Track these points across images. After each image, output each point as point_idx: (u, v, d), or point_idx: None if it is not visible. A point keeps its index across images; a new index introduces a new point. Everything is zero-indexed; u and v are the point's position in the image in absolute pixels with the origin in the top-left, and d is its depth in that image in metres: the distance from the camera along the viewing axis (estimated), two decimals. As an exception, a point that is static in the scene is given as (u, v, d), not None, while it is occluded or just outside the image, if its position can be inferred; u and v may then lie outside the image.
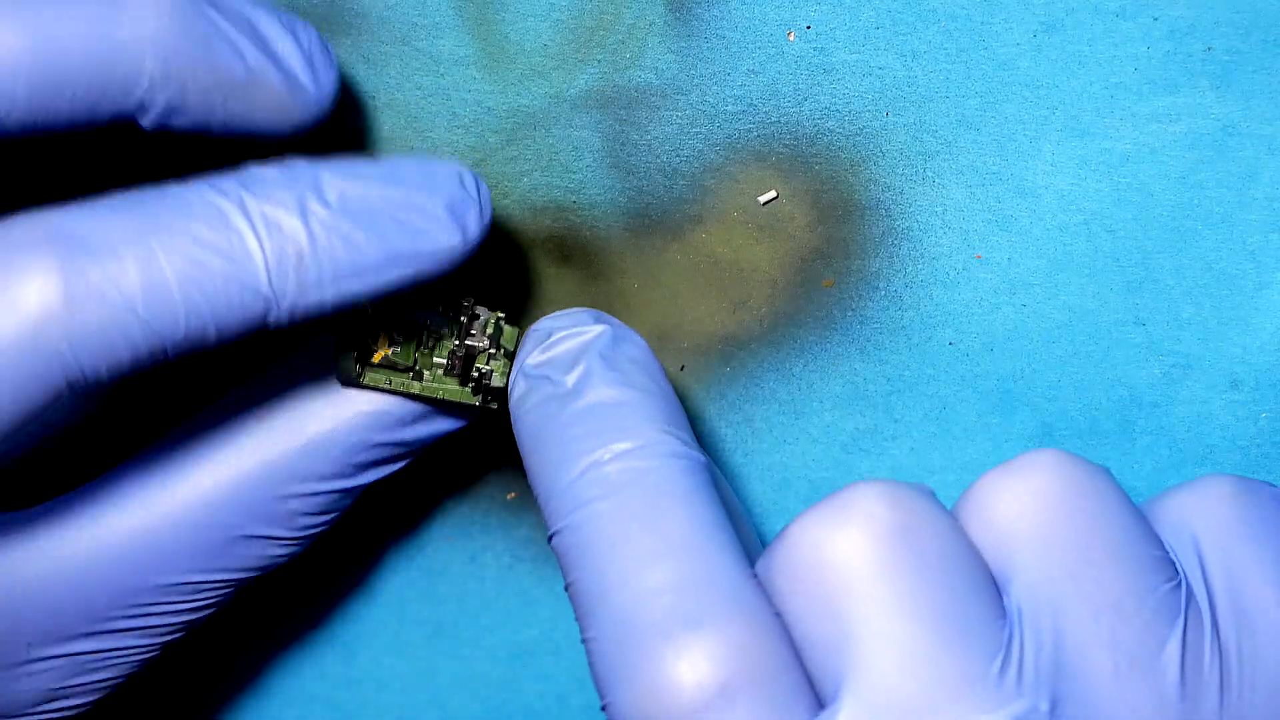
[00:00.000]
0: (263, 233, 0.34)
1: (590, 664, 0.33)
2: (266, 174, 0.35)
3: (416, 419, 0.39)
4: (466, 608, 0.46)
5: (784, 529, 0.33)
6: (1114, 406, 0.41)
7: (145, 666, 0.39)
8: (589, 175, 0.41)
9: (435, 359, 0.38)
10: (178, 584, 0.38)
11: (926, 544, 0.32)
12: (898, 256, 0.40)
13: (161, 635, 0.38)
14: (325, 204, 0.35)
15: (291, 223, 0.34)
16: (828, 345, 0.41)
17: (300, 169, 0.35)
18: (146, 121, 0.35)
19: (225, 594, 0.39)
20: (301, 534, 0.39)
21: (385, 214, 0.35)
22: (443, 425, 0.39)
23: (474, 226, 0.36)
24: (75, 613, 0.37)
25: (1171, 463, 0.41)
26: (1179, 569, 0.32)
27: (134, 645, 0.38)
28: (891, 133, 0.40)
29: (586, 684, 0.46)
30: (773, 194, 0.40)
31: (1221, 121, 0.39)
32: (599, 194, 0.41)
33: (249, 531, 0.38)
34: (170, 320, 0.33)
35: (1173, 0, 0.38)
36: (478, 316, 0.38)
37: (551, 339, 0.37)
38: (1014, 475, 0.33)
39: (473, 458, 0.44)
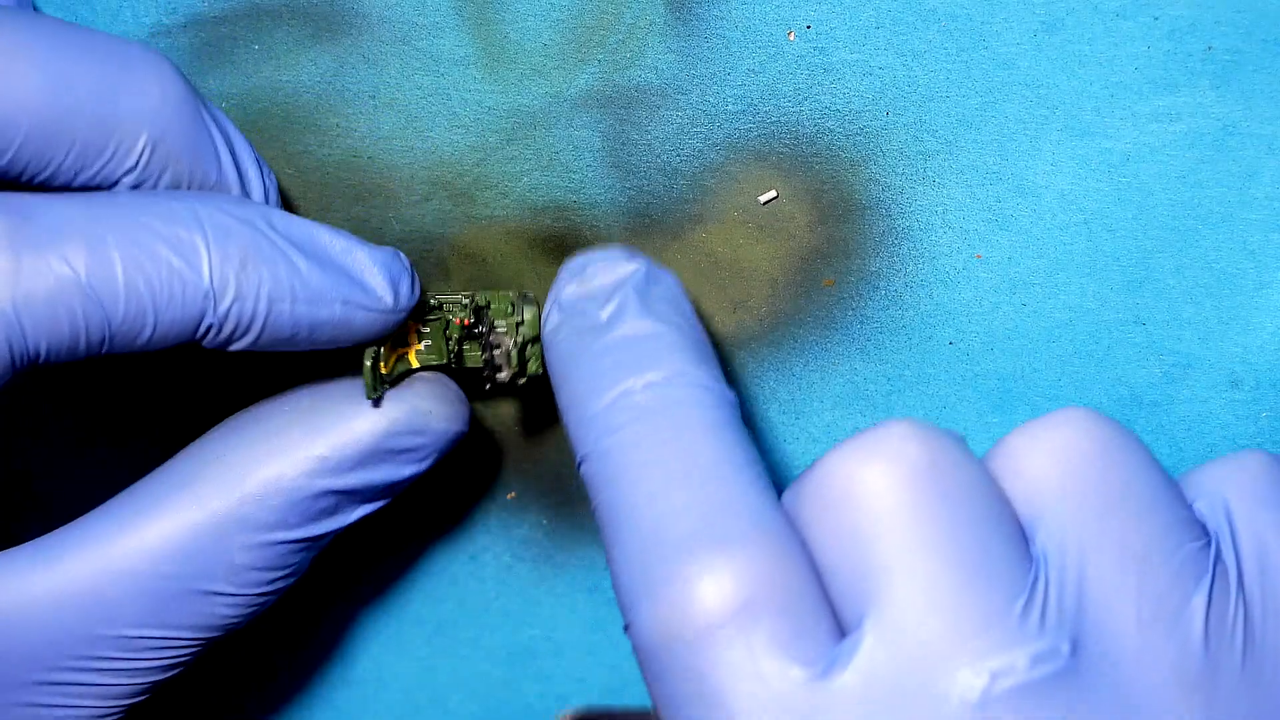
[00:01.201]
0: (210, 234, 0.35)
1: (614, 584, 0.33)
2: (222, 195, 0.36)
3: (360, 464, 0.38)
4: (466, 608, 0.46)
5: (814, 461, 0.33)
6: (1114, 406, 0.41)
7: None
8: (589, 174, 0.41)
9: (465, 343, 0.39)
10: (124, 637, 0.37)
11: (956, 483, 0.32)
12: (898, 256, 0.40)
13: (115, 697, 0.38)
14: (272, 227, 0.36)
15: (240, 231, 0.35)
16: (828, 345, 0.41)
17: (251, 201, 0.36)
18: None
19: (179, 655, 0.38)
20: (250, 590, 0.38)
21: (328, 254, 0.36)
22: (393, 471, 0.39)
23: (405, 296, 0.37)
24: (20, 660, 0.37)
25: (1171, 462, 0.41)
26: (1208, 530, 0.33)
27: (84, 705, 0.38)
28: (891, 132, 0.40)
29: (586, 685, 0.46)
30: (773, 194, 0.40)
31: (1221, 121, 0.39)
32: (599, 193, 0.41)
33: (195, 586, 0.37)
34: (112, 300, 0.34)
35: (1173, 0, 0.38)
36: (493, 333, 0.39)
37: (587, 272, 0.37)
38: (1045, 429, 0.33)
39: (472, 458, 0.44)
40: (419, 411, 0.39)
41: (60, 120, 0.34)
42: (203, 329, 0.35)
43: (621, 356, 0.35)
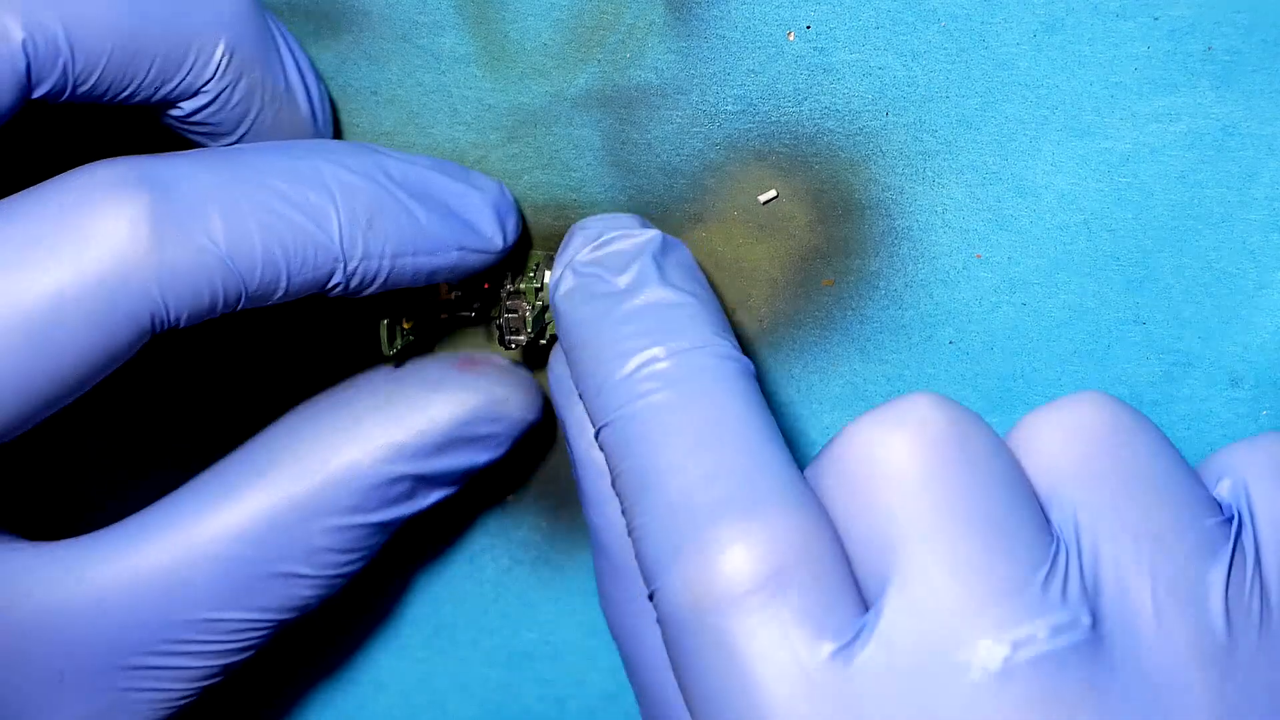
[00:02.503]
0: (338, 194, 0.35)
1: (638, 551, 0.33)
2: (335, 144, 0.36)
3: (438, 451, 0.39)
4: (465, 610, 0.46)
5: (837, 433, 0.33)
6: (1114, 406, 0.41)
7: (179, 712, 0.39)
8: (589, 173, 0.41)
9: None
10: (207, 620, 0.38)
11: (977, 453, 0.32)
12: (898, 256, 0.40)
13: (195, 679, 0.38)
14: (390, 178, 0.36)
15: (365, 187, 0.35)
16: (827, 345, 0.41)
17: (364, 145, 0.37)
18: (190, 105, 0.36)
19: (258, 637, 0.39)
20: (329, 573, 0.39)
21: (442, 200, 0.37)
22: (470, 458, 0.39)
23: (511, 233, 0.39)
24: (107, 645, 0.37)
25: (1172, 462, 0.41)
26: (1225, 509, 0.32)
27: (167, 688, 0.38)
28: (891, 132, 0.40)
29: (585, 687, 0.46)
30: (773, 193, 0.40)
31: (1221, 121, 0.39)
32: (600, 192, 0.41)
33: (275, 569, 0.38)
34: (249, 269, 0.34)
35: (1173, 0, 0.38)
36: (511, 299, 0.40)
37: (603, 238, 0.37)
38: (1059, 411, 0.33)
39: (472, 459, 0.44)
40: (496, 399, 0.39)
41: (141, 36, 0.35)
42: (329, 286, 0.35)
43: (644, 324, 0.35)
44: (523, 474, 0.45)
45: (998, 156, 0.39)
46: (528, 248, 0.41)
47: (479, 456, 0.40)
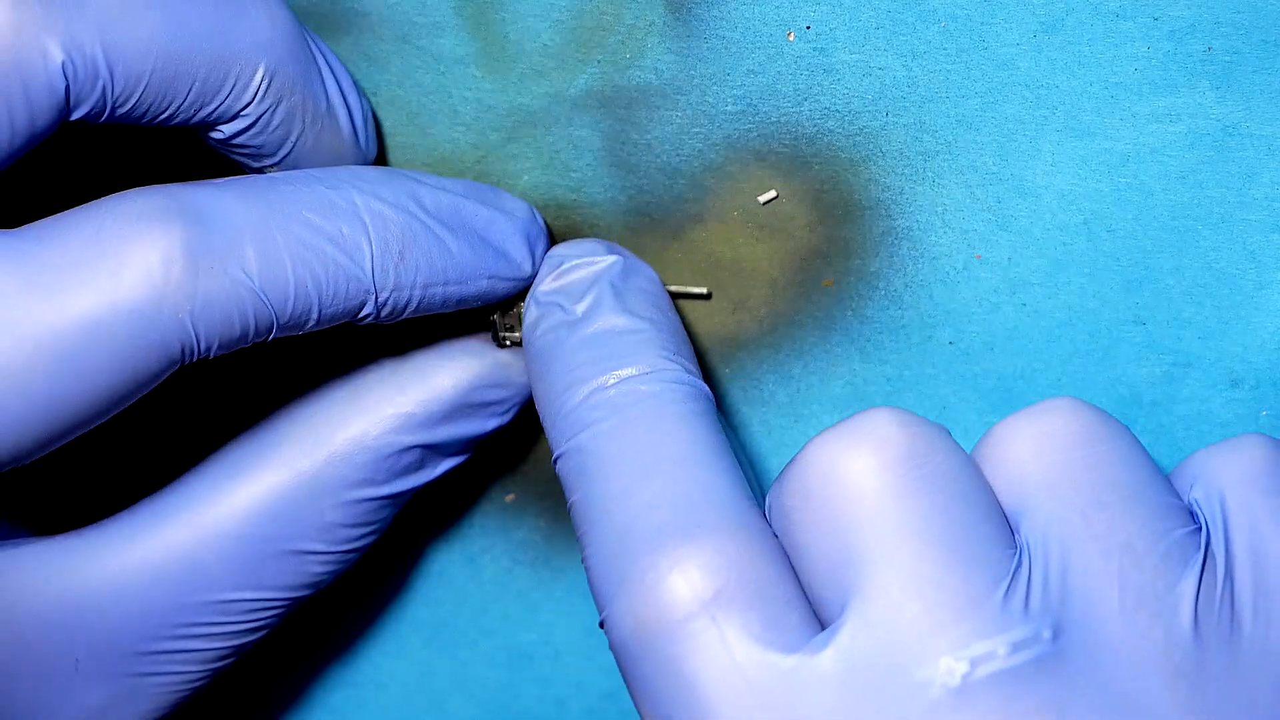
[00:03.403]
0: (371, 227, 0.35)
1: (589, 580, 0.33)
2: (369, 173, 0.36)
3: (445, 419, 0.39)
4: (465, 610, 0.46)
5: (799, 451, 0.33)
6: (1114, 406, 0.41)
7: (193, 695, 0.39)
8: (589, 174, 0.41)
9: None
10: (221, 602, 0.38)
11: (938, 469, 0.32)
12: (898, 256, 0.40)
13: (209, 661, 0.39)
14: (423, 208, 0.36)
15: (397, 219, 0.36)
16: (828, 346, 0.41)
17: (398, 173, 0.37)
18: (230, 128, 0.36)
19: (272, 616, 0.39)
20: (341, 548, 0.39)
21: (473, 227, 0.37)
22: (477, 425, 0.40)
23: (539, 257, 0.39)
24: (122, 630, 0.38)
25: (1172, 462, 0.41)
26: (1198, 517, 0.32)
27: (181, 671, 0.38)
28: (891, 133, 0.40)
29: (585, 688, 0.46)
30: (773, 194, 0.40)
31: (1221, 121, 0.39)
32: (599, 192, 0.41)
33: (288, 546, 0.38)
34: (281, 302, 0.34)
35: (1173, 0, 0.38)
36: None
37: (564, 267, 0.37)
38: (1030, 419, 0.33)
39: (471, 459, 0.44)
40: (501, 364, 0.39)
41: (181, 59, 0.35)
42: (360, 316, 0.36)
43: (596, 352, 0.35)
44: (523, 474, 0.45)
45: (998, 156, 0.39)
46: None
47: (487, 423, 0.40)
